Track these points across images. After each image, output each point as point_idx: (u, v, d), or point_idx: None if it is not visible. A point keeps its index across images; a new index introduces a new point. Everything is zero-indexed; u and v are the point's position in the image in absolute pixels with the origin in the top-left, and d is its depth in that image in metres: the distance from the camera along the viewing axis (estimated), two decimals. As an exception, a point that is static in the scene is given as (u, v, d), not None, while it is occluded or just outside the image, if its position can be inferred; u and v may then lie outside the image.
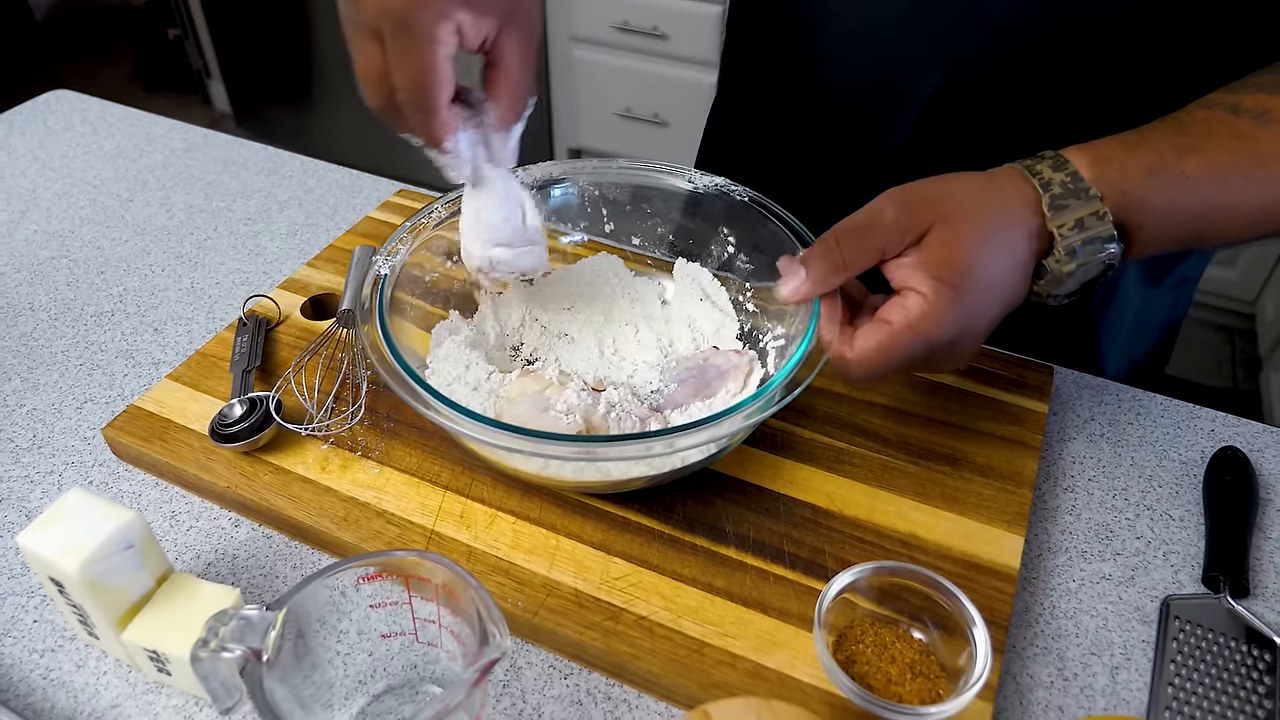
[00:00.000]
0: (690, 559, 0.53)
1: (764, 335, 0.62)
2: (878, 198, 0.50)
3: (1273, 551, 0.57)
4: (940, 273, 0.48)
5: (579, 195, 0.67)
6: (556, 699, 0.49)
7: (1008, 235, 0.49)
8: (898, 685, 0.46)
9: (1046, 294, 0.52)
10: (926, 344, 0.49)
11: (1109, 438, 0.64)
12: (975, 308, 0.49)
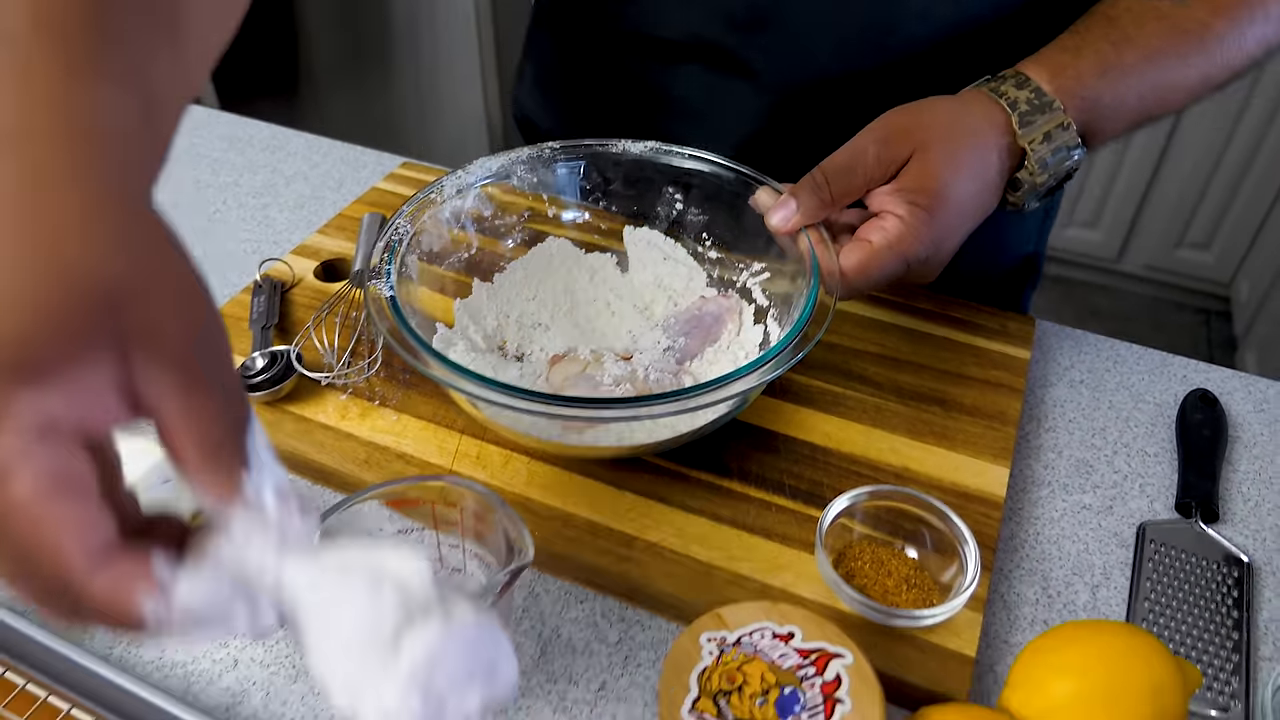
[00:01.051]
0: (697, 492, 0.56)
1: (739, 275, 0.65)
2: (859, 136, 0.55)
3: (1240, 482, 0.61)
4: (915, 198, 0.53)
5: (520, 185, 0.67)
6: (574, 621, 0.52)
7: (979, 158, 0.53)
8: (894, 596, 0.49)
9: (1021, 204, 0.58)
10: (903, 261, 0.53)
11: (1088, 383, 0.68)
12: (946, 228, 0.54)
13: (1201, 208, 1.98)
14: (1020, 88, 0.55)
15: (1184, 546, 0.56)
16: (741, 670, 0.42)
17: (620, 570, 0.52)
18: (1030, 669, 0.45)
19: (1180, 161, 1.93)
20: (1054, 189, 0.57)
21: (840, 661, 0.42)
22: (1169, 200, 1.99)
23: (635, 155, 0.66)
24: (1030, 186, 0.56)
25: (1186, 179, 1.95)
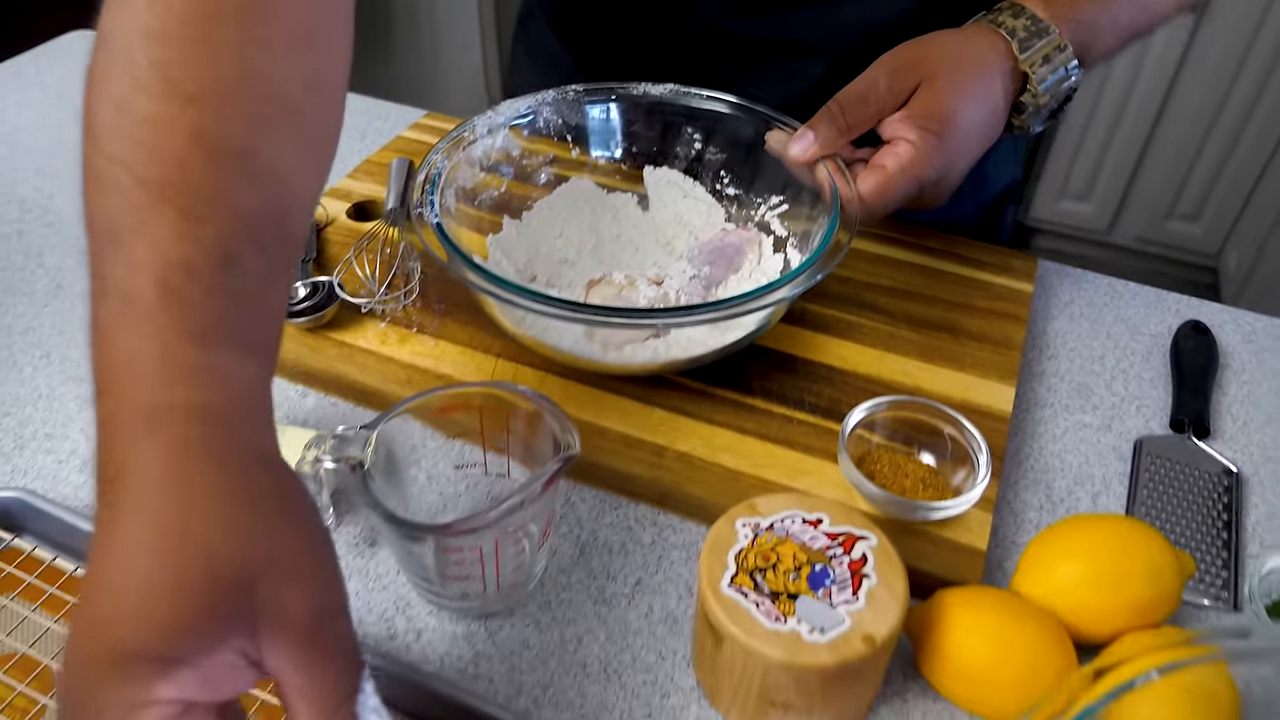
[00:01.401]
0: (722, 408, 0.59)
1: (756, 210, 0.69)
2: (870, 69, 0.59)
3: (1229, 404, 0.65)
4: (926, 124, 0.56)
5: (548, 126, 0.70)
6: (609, 525, 0.56)
7: (984, 85, 0.57)
8: (911, 494, 0.53)
9: (1027, 126, 0.61)
10: (917, 183, 0.57)
11: (1087, 316, 0.72)
12: (955, 152, 0.57)
13: (1190, 180, 2.02)
14: (1017, 16, 0.59)
15: (1178, 459, 0.60)
16: (775, 550, 0.45)
17: (652, 477, 0.56)
18: (1038, 556, 0.49)
19: (1170, 135, 1.97)
20: (1056, 111, 0.61)
21: (865, 543, 0.45)
22: (1159, 173, 2.03)
23: (655, 97, 0.69)
24: (1034, 109, 0.60)
25: (1176, 152, 1.99)
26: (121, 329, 0.31)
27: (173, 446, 0.30)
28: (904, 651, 0.49)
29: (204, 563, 0.28)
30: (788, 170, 0.63)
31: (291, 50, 0.39)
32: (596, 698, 0.48)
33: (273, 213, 0.37)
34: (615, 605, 0.52)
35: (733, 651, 0.43)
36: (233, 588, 0.28)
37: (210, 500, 0.29)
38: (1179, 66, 1.87)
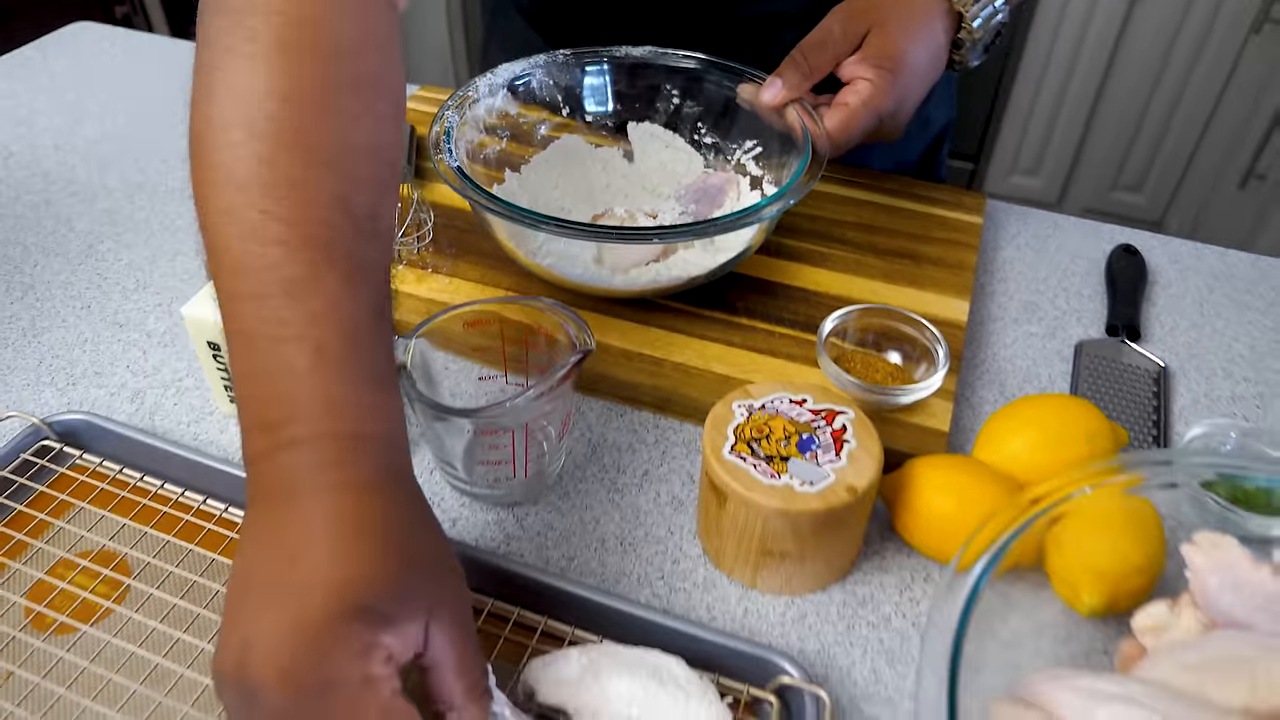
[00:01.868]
0: (711, 326, 0.66)
1: (732, 155, 0.76)
2: (825, 19, 0.66)
3: (1158, 313, 0.73)
4: (881, 62, 0.64)
5: (540, 87, 0.77)
6: (616, 429, 0.63)
7: (928, 26, 0.65)
8: (883, 384, 0.60)
9: (965, 61, 0.69)
10: (876, 116, 0.65)
11: (1032, 245, 0.80)
12: (907, 86, 0.65)
13: (1132, 153, 2.13)
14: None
15: (1113, 358, 0.68)
16: (767, 424, 0.52)
17: (652, 384, 0.63)
18: (994, 428, 0.57)
19: (1111, 111, 2.08)
20: (989, 46, 0.69)
21: (844, 416, 0.53)
22: (1103, 148, 2.14)
23: (636, 58, 0.76)
24: (970, 44, 0.68)
25: (1118, 128, 2.10)
26: (316, 372, 0.38)
27: (375, 466, 0.38)
28: (880, 515, 0.57)
29: (403, 553, 0.37)
30: (759, 117, 0.71)
31: (395, 120, 0.46)
32: (615, 566, 0.54)
33: (387, 266, 0.44)
34: (626, 492, 0.59)
35: (735, 508, 0.50)
36: (422, 575, 0.37)
37: (402, 509, 0.38)
38: (1115, 45, 1.97)
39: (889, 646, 0.51)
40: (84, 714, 0.46)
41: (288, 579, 0.35)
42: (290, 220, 0.39)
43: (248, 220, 0.39)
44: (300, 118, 0.41)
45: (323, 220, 0.40)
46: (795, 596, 0.53)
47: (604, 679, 0.44)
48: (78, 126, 0.93)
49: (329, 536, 0.35)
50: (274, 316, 0.38)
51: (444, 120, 0.68)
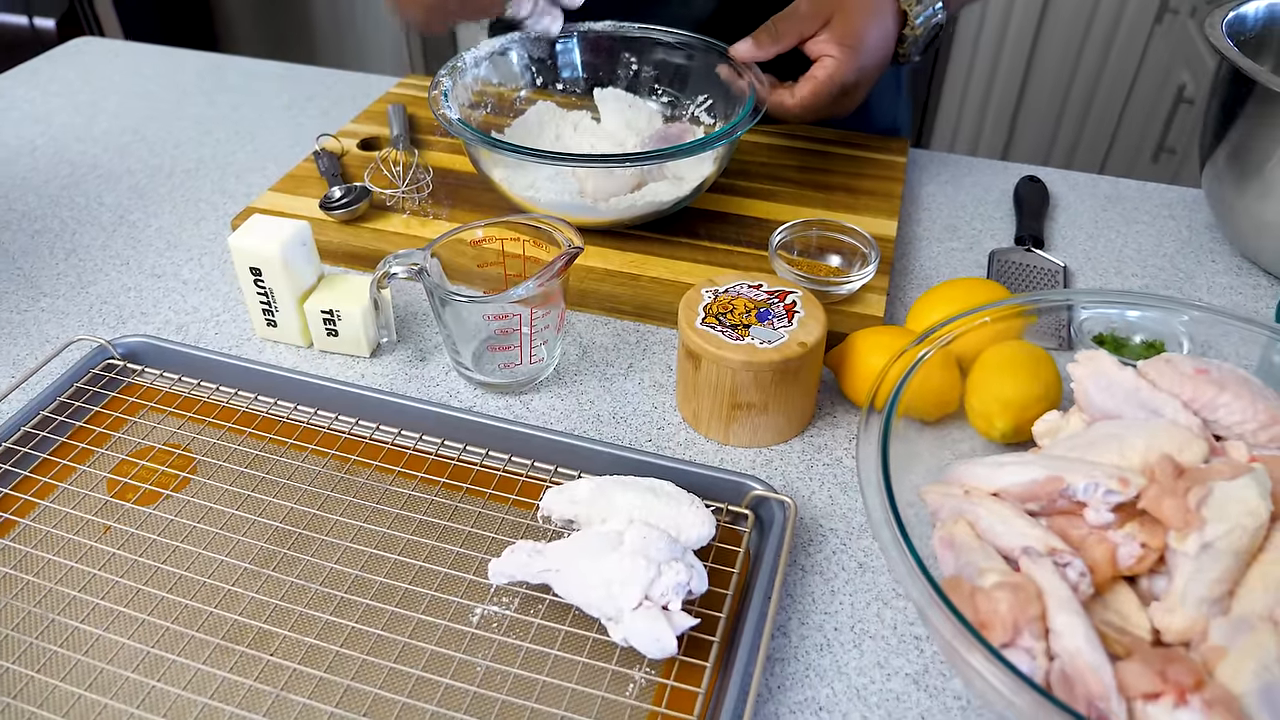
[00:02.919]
0: (679, 248, 0.77)
1: (687, 109, 0.88)
2: (794, 3, 0.77)
3: (1058, 229, 0.85)
4: (844, 40, 0.75)
5: (517, 60, 0.89)
6: (603, 334, 0.73)
7: (883, 17, 0.76)
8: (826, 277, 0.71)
9: (907, 55, 0.80)
10: (840, 87, 0.76)
11: (951, 181, 0.92)
12: (867, 63, 0.76)
13: (1060, 134, 2.30)
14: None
15: (1021, 262, 0.80)
16: (731, 303, 0.63)
17: (632, 293, 0.73)
18: (920, 305, 0.68)
19: (1037, 95, 2.24)
20: (928, 45, 0.80)
21: (794, 295, 0.64)
22: (1031, 130, 2.30)
23: (599, 32, 0.88)
24: (912, 39, 0.79)
25: (1044, 109, 2.26)
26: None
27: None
28: (829, 382, 0.68)
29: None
30: (709, 78, 0.82)
31: None
32: (609, 436, 0.65)
33: None
34: (615, 380, 0.69)
35: (708, 367, 0.60)
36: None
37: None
38: (1036, 33, 2.14)
39: (841, 480, 0.62)
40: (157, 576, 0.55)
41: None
42: None
43: None
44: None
45: None
46: (762, 448, 0.64)
47: (609, 495, 0.54)
48: (94, 122, 1.02)
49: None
50: None
51: (440, 85, 0.78)
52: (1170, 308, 0.60)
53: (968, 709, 0.49)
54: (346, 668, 0.49)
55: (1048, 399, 0.60)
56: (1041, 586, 0.44)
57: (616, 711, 0.47)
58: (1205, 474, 0.47)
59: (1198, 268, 0.81)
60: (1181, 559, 0.45)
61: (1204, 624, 0.44)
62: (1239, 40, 0.80)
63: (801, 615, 0.53)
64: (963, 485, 0.52)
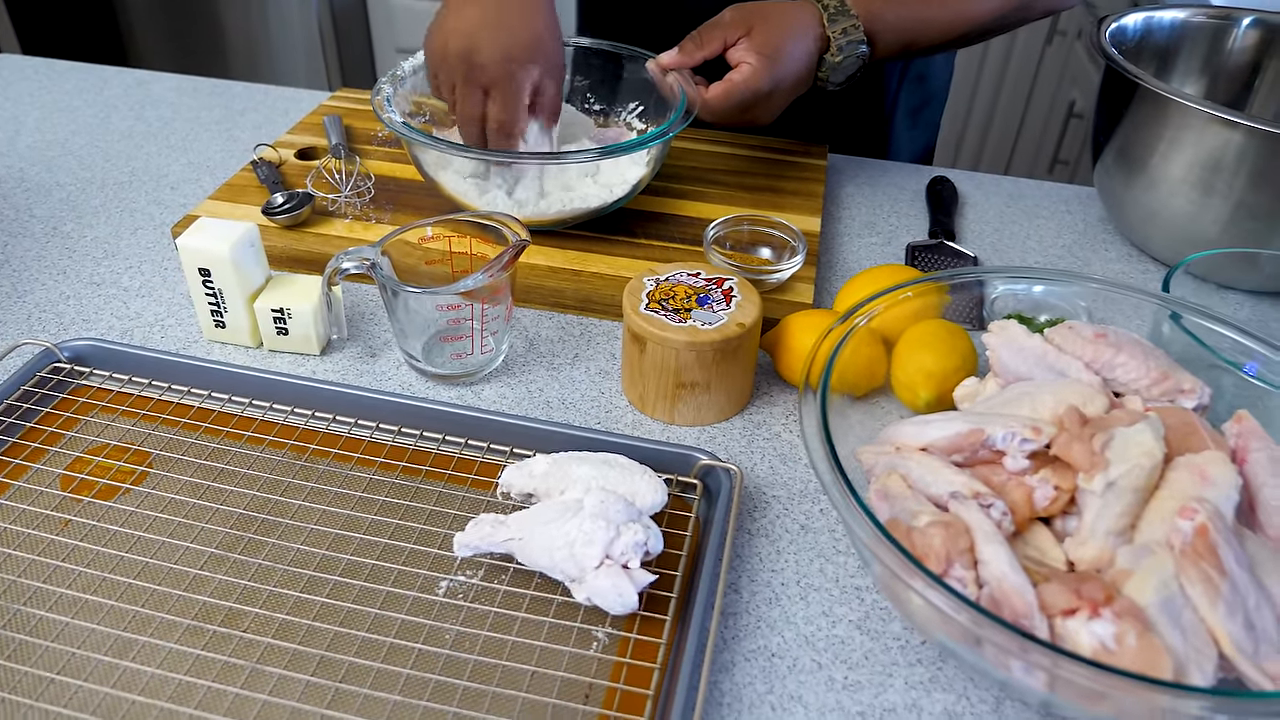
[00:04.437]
0: (617, 246, 0.81)
1: (619, 116, 0.92)
2: (722, 11, 0.81)
3: (968, 224, 0.92)
4: (762, 50, 0.80)
5: None
6: (549, 328, 0.76)
7: (804, 37, 0.80)
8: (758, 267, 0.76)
9: (827, 79, 0.84)
10: (754, 93, 0.80)
11: (868, 183, 0.98)
12: (783, 75, 0.81)
13: (963, 146, 2.42)
14: (830, 0, 0.83)
15: (936, 252, 0.86)
16: (671, 290, 0.67)
17: (574, 288, 0.76)
18: (846, 290, 0.73)
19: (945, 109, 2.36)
20: (851, 76, 0.83)
21: (730, 281, 0.68)
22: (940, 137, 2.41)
23: None
24: (831, 66, 0.83)
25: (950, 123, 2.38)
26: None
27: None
28: (765, 365, 0.72)
29: (537, 34, 0.74)
30: (638, 84, 0.87)
31: None
32: (561, 417, 0.67)
33: None
34: (562, 369, 0.72)
35: (653, 349, 0.64)
36: (555, 48, 0.75)
37: (536, 12, 0.75)
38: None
39: (781, 452, 0.66)
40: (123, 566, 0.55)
41: (512, 20, 0.73)
42: None
43: None
44: None
45: None
46: (706, 426, 0.67)
47: (566, 468, 0.57)
48: (17, 137, 1.01)
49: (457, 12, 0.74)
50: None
51: (383, 91, 0.81)
52: (1071, 281, 0.66)
53: (906, 648, 0.53)
54: (319, 640, 0.50)
55: (965, 369, 0.65)
56: (969, 523, 0.48)
57: (583, 664, 0.50)
58: (1107, 422, 0.52)
59: (1093, 255, 0.88)
60: (1090, 497, 0.50)
61: (1111, 554, 0.49)
62: (1121, 49, 0.88)
63: (751, 573, 0.57)
64: (894, 443, 0.56)
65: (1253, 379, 0.59)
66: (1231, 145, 0.77)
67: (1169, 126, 0.80)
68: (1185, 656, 0.43)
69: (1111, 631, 0.43)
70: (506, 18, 0.73)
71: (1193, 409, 0.56)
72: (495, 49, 0.73)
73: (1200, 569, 0.46)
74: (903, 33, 0.85)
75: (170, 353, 0.67)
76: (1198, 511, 0.47)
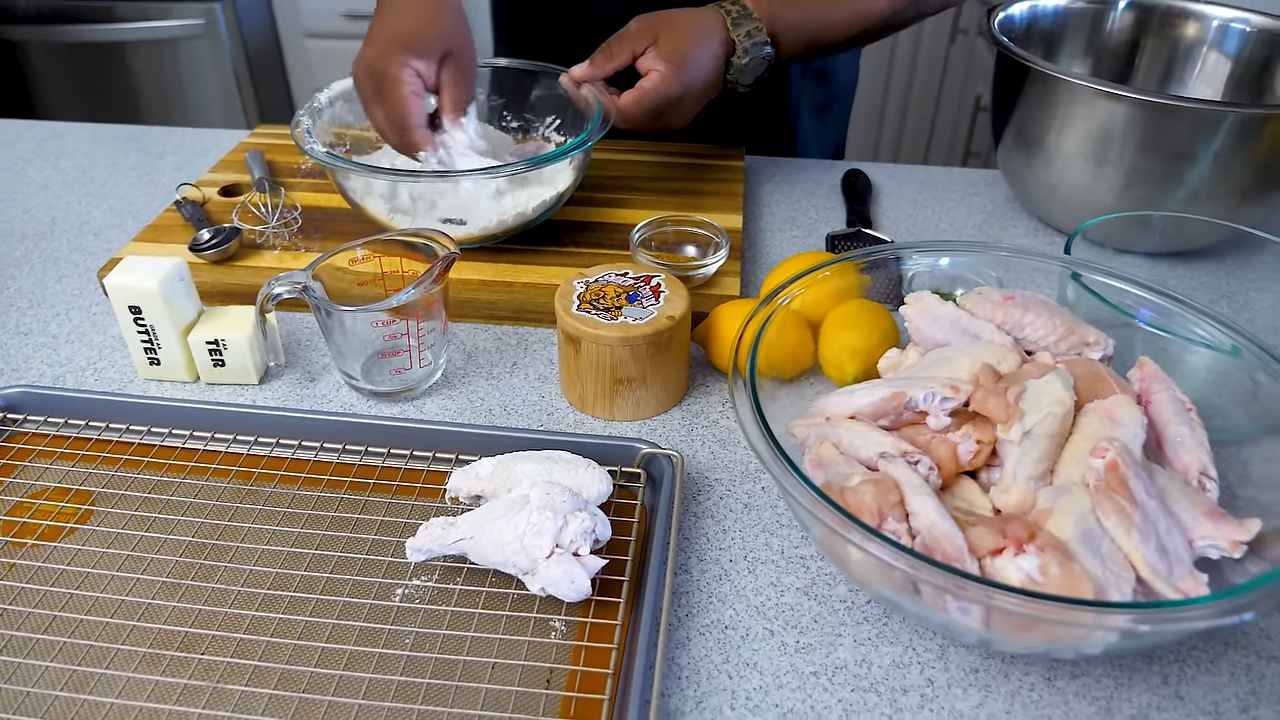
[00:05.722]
0: (547, 257, 0.83)
1: (537, 131, 0.94)
2: (629, 23, 0.84)
3: (884, 212, 0.96)
4: (670, 57, 0.82)
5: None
6: (485, 340, 0.77)
7: (710, 42, 0.83)
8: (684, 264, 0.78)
9: (736, 81, 0.87)
10: (665, 99, 0.83)
11: (785, 178, 1.01)
12: (692, 80, 0.83)
13: (882, 142, 2.49)
14: (733, 5, 0.86)
15: (855, 240, 0.89)
16: (601, 290, 0.69)
17: (507, 299, 0.78)
18: (771, 277, 0.75)
19: (859, 107, 2.43)
20: (759, 77, 0.87)
21: (658, 278, 0.70)
22: (856, 143, 2.48)
23: None
24: (739, 67, 0.86)
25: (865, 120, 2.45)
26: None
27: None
28: (699, 358, 0.74)
29: (441, 29, 0.78)
30: (554, 99, 0.89)
31: None
32: (504, 422, 0.69)
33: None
34: (501, 378, 0.73)
35: (588, 347, 0.66)
36: (447, 36, 0.78)
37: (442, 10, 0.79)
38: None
39: (720, 437, 0.68)
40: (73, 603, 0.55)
41: (376, 31, 0.78)
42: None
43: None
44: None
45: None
46: (645, 419, 0.69)
47: (511, 467, 0.58)
48: (-69, 195, 1.00)
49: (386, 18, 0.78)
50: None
51: (301, 124, 0.82)
52: (979, 251, 0.69)
53: (852, 608, 0.55)
54: (279, 654, 0.51)
55: (888, 344, 0.68)
56: (898, 479, 0.51)
57: (543, 651, 0.51)
58: (1019, 375, 0.55)
59: (1002, 232, 0.93)
60: (1009, 447, 0.53)
61: (1033, 498, 0.52)
62: (1011, 36, 0.93)
63: (699, 553, 0.59)
64: (823, 414, 0.59)
65: (1145, 326, 0.63)
66: (1118, 117, 0.82)
67: (1060, 104, 0.85)
68: (1105, 581, 0.46)
69: (1036, 564, 0.45)
70: (381, 26, 0.78)
71: (1098, 359, 0.60)
72: (368, 54, 0.77)
73: (1114, 501, 0.49)
74: (805, 32, 0.88)
75: (106, 392, 0.67)
76: (1108, 450, 0.50)
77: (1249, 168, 0.82)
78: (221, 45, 2.37)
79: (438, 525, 0.55)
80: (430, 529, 0.55)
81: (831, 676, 0.51)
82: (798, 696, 0.50)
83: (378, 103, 0.77)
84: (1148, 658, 0.52)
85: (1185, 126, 0.80)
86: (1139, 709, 0.50)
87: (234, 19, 2.37)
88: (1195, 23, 0.97)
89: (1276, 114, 0.79)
